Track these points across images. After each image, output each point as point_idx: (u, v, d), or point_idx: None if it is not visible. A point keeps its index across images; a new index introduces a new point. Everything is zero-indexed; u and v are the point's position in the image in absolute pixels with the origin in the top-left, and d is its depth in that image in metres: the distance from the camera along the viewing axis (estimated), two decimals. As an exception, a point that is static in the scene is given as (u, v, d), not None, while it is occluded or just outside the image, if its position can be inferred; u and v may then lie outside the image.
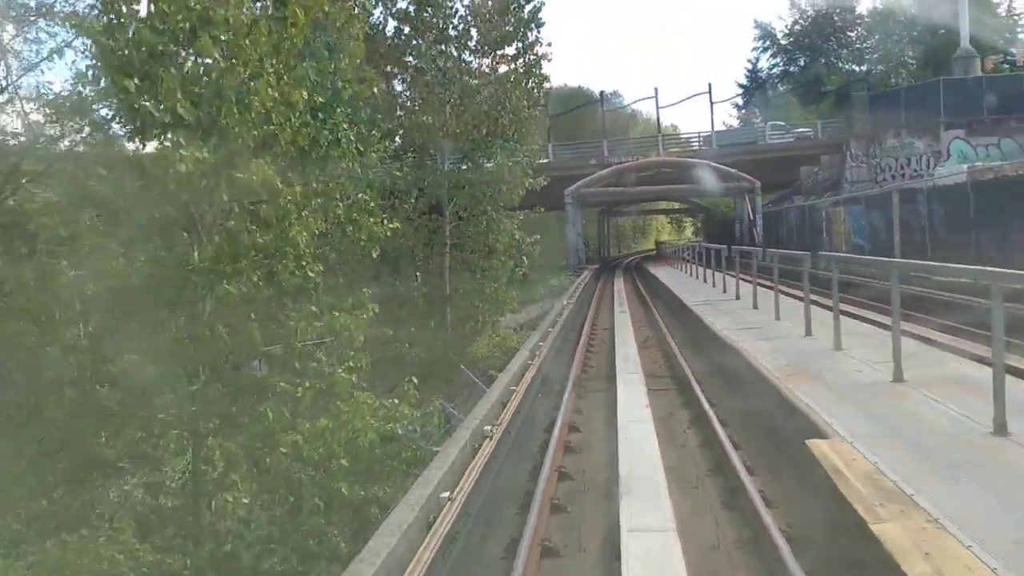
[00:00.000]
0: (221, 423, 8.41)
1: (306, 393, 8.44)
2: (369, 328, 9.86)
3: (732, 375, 10.36)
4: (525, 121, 19.56)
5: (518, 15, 19.06)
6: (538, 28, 18.87)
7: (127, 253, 8.25)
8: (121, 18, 7.60)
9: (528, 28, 18.99)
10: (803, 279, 12.03)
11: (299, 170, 8.71)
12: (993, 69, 61.18)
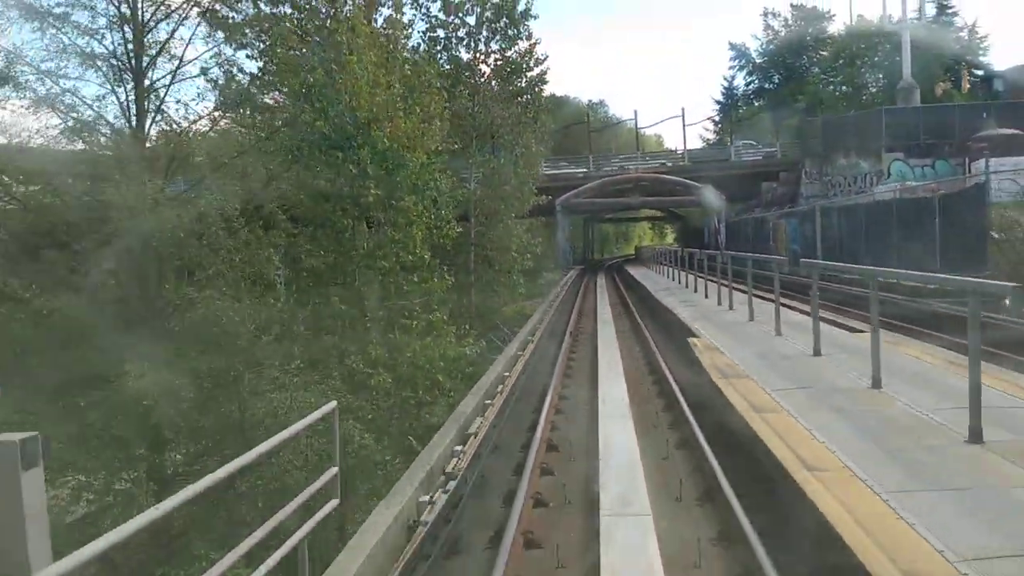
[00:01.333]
0: (368, 343, 14.69)
1: (418, 325, 14.73)
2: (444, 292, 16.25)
3: (663, 320, 17.01)
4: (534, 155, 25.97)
5: (529, 76, 25.57)
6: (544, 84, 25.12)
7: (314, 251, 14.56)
8: (326, 110, 13.85)
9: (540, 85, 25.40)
10: (718, 273, 18.51)
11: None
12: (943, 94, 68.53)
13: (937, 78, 71.62)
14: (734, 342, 12.25)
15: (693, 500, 6.74)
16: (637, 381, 12.18)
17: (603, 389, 10.76)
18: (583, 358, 14.81)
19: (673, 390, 10.67)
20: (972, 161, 46.38)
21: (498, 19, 26.42)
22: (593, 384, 11.56)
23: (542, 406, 10.01)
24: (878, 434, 6.58)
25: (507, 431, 9.41)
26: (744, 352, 11.25)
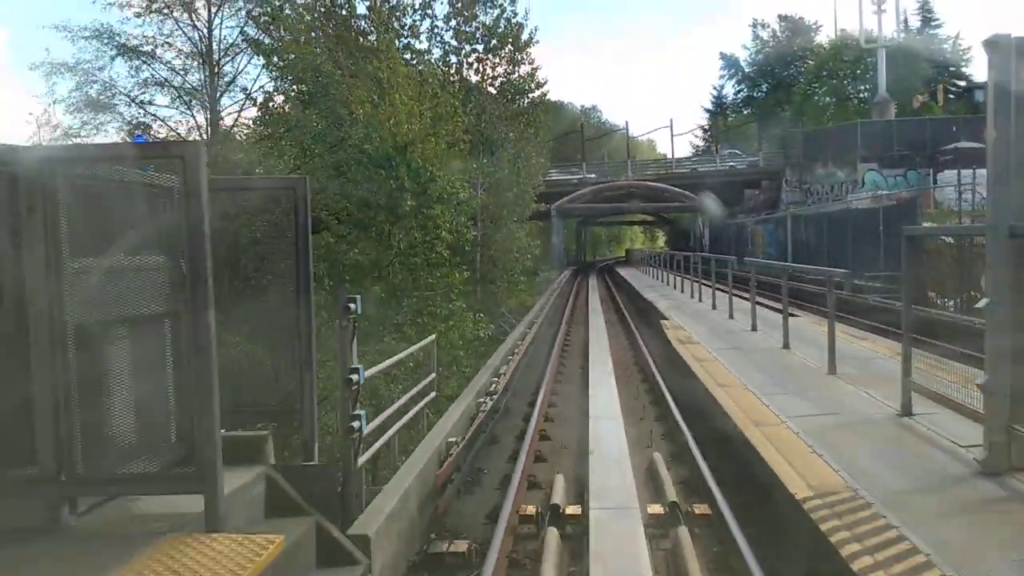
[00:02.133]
0: (403, 326, 18.06)
1: (441, 312, 18.10)
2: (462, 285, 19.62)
3: (644, 309, 20.46)
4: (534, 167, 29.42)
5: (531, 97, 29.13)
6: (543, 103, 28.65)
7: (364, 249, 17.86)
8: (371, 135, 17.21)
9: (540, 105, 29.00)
10: (691, 272, 21.92)
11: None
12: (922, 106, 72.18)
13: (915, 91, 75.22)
14: (695, 323, 15.67)
15: (649, 405, 10.28)
16: (618, 346, 15.80)
17: (592, 352, 14.25)
18: (577, 333, 18.41)
19: (643, 351, 14.17)
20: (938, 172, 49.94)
21: (503, 46, 29.86)
22: (585, 348, 15.08)
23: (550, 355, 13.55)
24: (773, 372, 9.99)
25: (534, 354, 13.00)
26: (700, 328, 14.68)
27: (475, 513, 6.92)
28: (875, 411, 7.52)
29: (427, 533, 6.27)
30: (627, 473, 7.04)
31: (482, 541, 6.01)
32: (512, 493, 6.75)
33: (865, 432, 6.83)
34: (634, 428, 9.36)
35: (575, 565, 5.66)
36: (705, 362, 10.86)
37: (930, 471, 5.71)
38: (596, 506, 6.18)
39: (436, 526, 6.50)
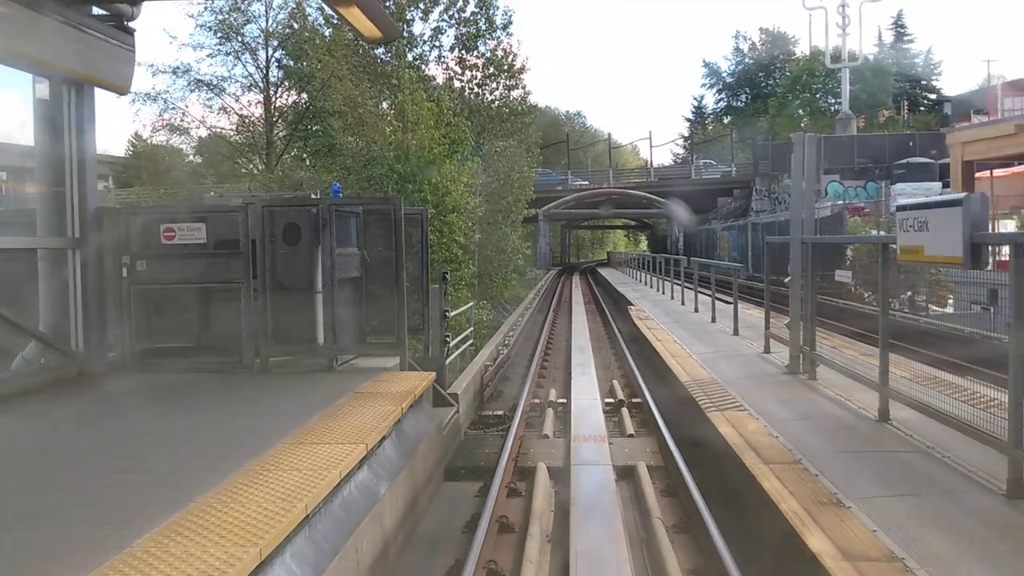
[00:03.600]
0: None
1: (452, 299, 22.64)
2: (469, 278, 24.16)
3: (616, 298, 25.19)
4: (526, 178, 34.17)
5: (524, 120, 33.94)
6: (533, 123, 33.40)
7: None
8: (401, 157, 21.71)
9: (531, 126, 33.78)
10: (654, 270, 26.63)
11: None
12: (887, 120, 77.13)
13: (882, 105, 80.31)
14: (653, 307, 20.33)
15: (611, 357, 14.98)
16: (594, 321, 20.60)
17: (575, 326, 18.96)
18: (563, 314, 23.10)
19: (612, 324, 18.92)
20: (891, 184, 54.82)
21: (500, 73, 34.50)
22: (569, 322, 19.77)
23: (543, 326, 18.22)
24: (697, 333, 14.62)
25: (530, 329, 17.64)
26: (657, 311, 19.32)
27: (508, 399, 11.59)
28: (748, 351, 12.18)
29: (478, 408, 10.90)
30: (595, 385, 11.69)
31: (509, 413, 10.59)
32: (527, 390, 11.39)
33: (735, 360, 11.45)
34: (601, 362, 14.06)
35: (562, 424, 10.21)
36: (654, 330, 15.48)
37: (759, 373, 10.33)
38: (575, 399, 10.80)
39: (482, 406, 11.15)
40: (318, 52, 23.79)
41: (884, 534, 4.61)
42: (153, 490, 4.59)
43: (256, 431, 5.81)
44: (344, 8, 7.06)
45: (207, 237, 8.41)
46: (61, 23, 7.35)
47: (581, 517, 6.40)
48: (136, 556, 3.58)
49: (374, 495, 5.52)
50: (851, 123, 66.14)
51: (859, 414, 7.64)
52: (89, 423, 6.62)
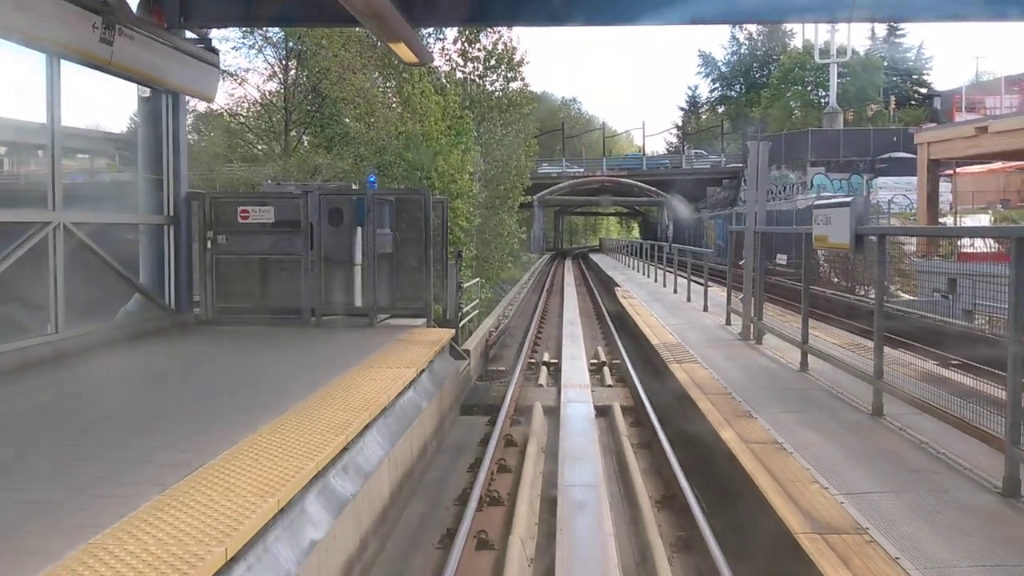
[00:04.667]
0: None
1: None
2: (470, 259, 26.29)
3: (605, 280, 27.32)
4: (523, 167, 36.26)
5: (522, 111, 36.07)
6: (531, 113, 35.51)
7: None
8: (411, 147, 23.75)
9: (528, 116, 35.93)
10: (641, 255, 28.79)
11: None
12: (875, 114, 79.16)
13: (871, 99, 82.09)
14: (639, 289, 22.50)
15: (597, 328, 17.15)
16: (583, 299, 22.79)
17: (566, 301, 21.13)
18: (556, 295, 25.27)
19: (599, 302, 21.11)
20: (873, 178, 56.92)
21: (500, 65, 36.50)
22: (561, 299, 21.93)
23: (538, 301, 20.39)
24: (672, 309, 16.79)
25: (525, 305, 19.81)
26: (640, 291, 21.50)
27: (508, 359, 13.74)
28: (711, 323, 14.36)
29: (484, 365, 13.06)
30: (582, 349, 13.85)
31: (510, 369, 12.74)
32: (524, 353, 13.55)
33: (699, 329, 13.62)
34: (589, 333, 16.24)
35: (554, 377, 12.36)
36: (636, 307, 17.63)
37: (717, 339, 12.50)
38: (565, 360, 12.96)
39: (487, 363, 13.31)
40: (334, 47, 25.73)
41: (774, 431, 6.76)
42: (264, 400, 6.71)
43: (333, 362, 7.94)
44: (394, 43, 9.15)
45: (274, 217, 10.51)
46: (165, 46, 9.41)
47: (568, 436, 8.55)
48: (262, 435, 5.70)
49: (418, 408, 7.66)
50: (838, 117, 68.14)
51: (786, 367, 9.81)
52: (190, 359, 8.76)
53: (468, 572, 5.45)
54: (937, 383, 7.34)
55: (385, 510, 6.04)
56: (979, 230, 20.86)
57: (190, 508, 3.88)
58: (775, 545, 4.83)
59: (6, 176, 21.83)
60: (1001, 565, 4.14)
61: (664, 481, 7.28)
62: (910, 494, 5.20)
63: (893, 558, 4.22)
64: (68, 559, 3.25)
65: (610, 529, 5.82)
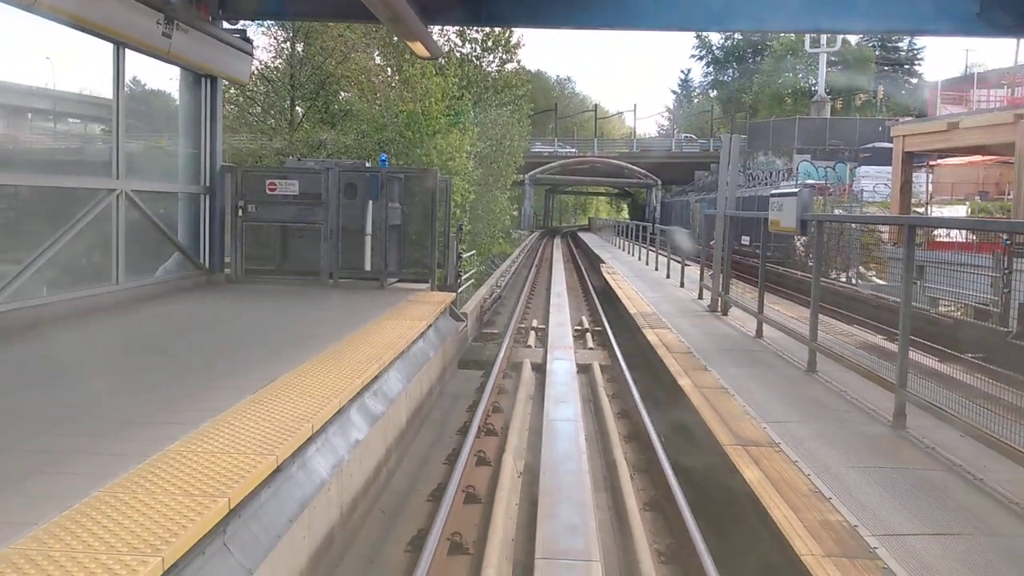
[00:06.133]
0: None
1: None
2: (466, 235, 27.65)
3: (592, 258, 28.75)
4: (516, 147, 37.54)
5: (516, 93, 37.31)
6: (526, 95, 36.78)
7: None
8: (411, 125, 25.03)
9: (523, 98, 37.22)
10: (627, 235, 30.22)
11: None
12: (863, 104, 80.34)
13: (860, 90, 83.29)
14: (623, 266, 23.95)
15: (582, 300, 18.62)
16: (571, 274, 24.21)
17: (554, 278, 22.55)
18: (544, 270, 26.69)
19: (586, 277, 22.60)
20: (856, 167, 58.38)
21: (496, 47, 37.70)
22: (550, 273, 23.37)
23: (528, 275, 21.84)
24: (651, 285, 18.24)
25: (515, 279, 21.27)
26: (624, 269, 22.95)
27: (500, 324, 15.16)
28: (686, 297, 15.82)
29: (479, 328, 14.48)
30: (567, 317, 15.29)
31: (502, 332, 14.16)
32: (515, 319, 14.98)
33: (674, 302, 15.06)
34: (574, 303, 17.70)
35: (541, 340, 13.77)
36: (619, 281, 19.06)
37: (688, 310, 13.95)
38: (553, 324, 14.39)
39: (482, 327, 14.73)
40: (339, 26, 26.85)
41: (724, 380, 8.21)
42: (308, 340, 8.09)
43: (356, 315, 9.33)
44: (411, 42, 10.46)
45: (298, 190, 11.84)
46: (210, 37, 10.70)
47: (552, 385, 9.97)
48: (316, 362, 7.09)
49: (427, 356, 9.07)
50: (826, 106, 69.46)
51: (744, 334, 11.27)
52: (222, 308, 10.14)
53: (471, 479, 6.86)
54: (868, 348, 8.85)
55: (403, 432, 7.46)
56: (889, 219, 22.64)
57: (279, 404, 5.29)
58: (710, 454, 6.29)
59: (75, 147, 22.78)
60: (873, 467, 5.59)
61: (632, 422, 8.73)
62: (819, 424, 6.67)
63: (792, 461, 5.67)
64: (205, 425, 4.67)
65: (584, 449, 7.27)
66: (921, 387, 6.35)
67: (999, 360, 9.44)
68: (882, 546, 4.29)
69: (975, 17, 12.39)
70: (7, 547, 2.93)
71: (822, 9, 13.30)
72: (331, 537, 5.03)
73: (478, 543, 5.58)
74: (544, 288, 21.76)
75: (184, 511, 3.39)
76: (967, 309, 14.36)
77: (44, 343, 7.44)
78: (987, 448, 5.37)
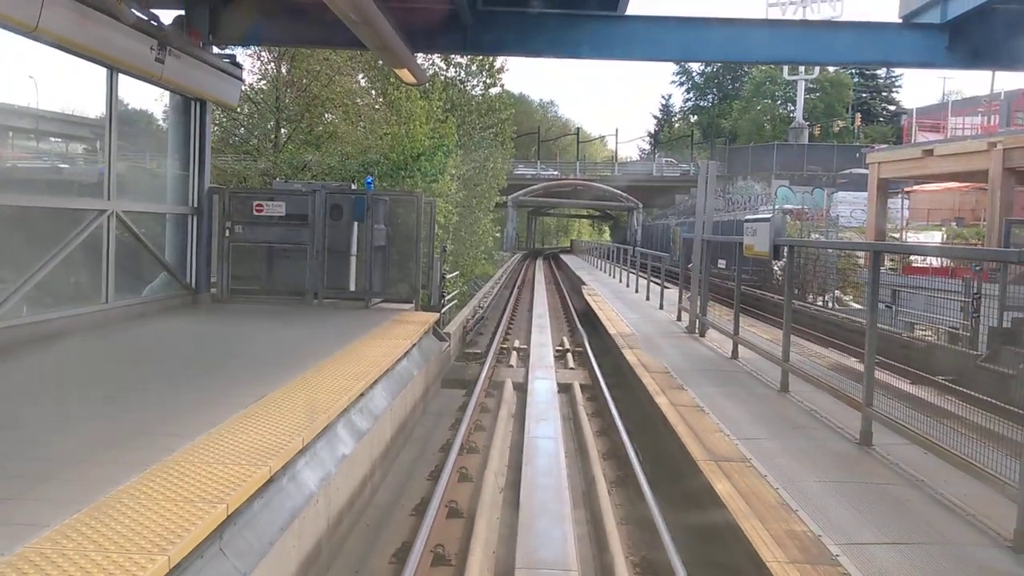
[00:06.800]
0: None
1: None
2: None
3: (574, 280, 29.03)
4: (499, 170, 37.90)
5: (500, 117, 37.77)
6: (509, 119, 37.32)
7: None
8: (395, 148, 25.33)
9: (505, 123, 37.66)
10: (608, 257, 30.59)
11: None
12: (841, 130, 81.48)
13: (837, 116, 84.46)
14: (604, 288, 24.25)
15: (564, 321, 18.89)
16: (552, 295, 24.48)
17: (536, 297, 22.87)
18: (527, 291, 26.94)
19: (567, 298, 22.86)
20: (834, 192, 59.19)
21: (480, 72, 38.13)
22: (532, 295, 23.63)
23: (510, 296, 22.07)
24: (631, 306, 18.53)
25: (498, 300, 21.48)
26: (605, 290, 23.25)
27: (483, 344, 15.39)
28: (664, 319, 16.13)
29: (462, 348, 14.70)
30: (549, 338, 15.55)
31: (484, 352, 14.39)
32: (497, 340, 15.22)
33: (653, 324, 15.35)
34: (556, 324, 17.94)
35: (524, 362, 14.01)
36: (600, 303, 19.34)
37: (667, 331, 14.24)
38: (534, 345, 14.64)
39: (464, 347, 14.96)
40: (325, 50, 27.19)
41: (699, 399, 8.47)
42: (297, 359, 8.30)
43: (342, 335, 9.53)
44: (398, 68, 10.75)
45: (284, 212, 12.07)
46: (201, 62, 10.94)
47: (533, 404, 10.21)
48: (305, 379, 7.30)
49: (411, 374, 9.28)
50: (804, 132, 70.55)
51: (720, 355, 11.56)
52: (211, 327, 10.32)
53: (453, 494, 7.07)
54: (839, 369, 9.16)
55: (387, 448, 7.66)
56: (860, 245, 23.16)
57: (269, 420, 5.50)
58: (684, 468, 6.54)
59: (68, 168, 22.81)
60: (839, 481, 5.86)
61: (610, 439, 8.96)
62: (789, 440, 6.94)
63: (762, 475, 5.92)
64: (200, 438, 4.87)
65: (564, 465, 7.50)
66: (887, 406, 6.65)
67: (968, 382, 9.78)
68: (844, 554, 4.54)
69: (944, 50, 12.89)
70: (24, 546, 3.13)
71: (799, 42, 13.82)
72: (319, 547, 5.22)
73: (460, 555, 5.78)
74: (526, 309, 22.05)
75: (186, 515, 3.60)
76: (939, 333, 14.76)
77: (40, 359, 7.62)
78: (947, 464, 5.65)
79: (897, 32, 13.49)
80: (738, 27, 13.34)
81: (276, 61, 27.26)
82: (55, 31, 7.48)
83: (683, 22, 12.91)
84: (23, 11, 7.02)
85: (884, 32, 13.60)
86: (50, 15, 7.26)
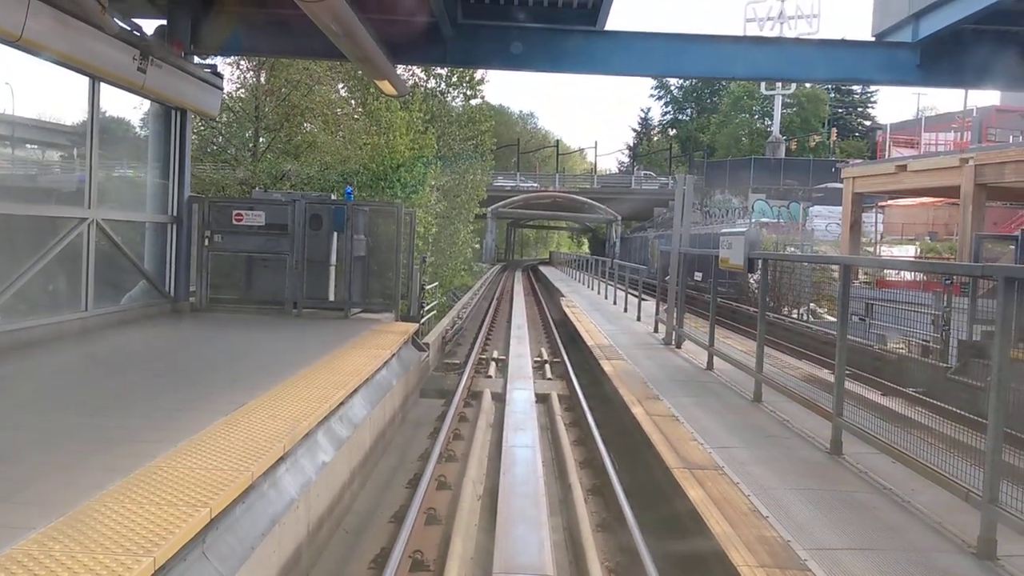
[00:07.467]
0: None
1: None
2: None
3: (551, 292, 29.17)
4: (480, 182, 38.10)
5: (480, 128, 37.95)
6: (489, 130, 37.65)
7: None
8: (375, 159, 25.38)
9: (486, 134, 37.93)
10: (585, 268, 30.79)
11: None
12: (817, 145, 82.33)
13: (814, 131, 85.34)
14: (582, 300, 24.41)
15: (542, 332, 19.01)
16: (531, 310, 24.51)
17: (515, 311, 22.93)
18: (505, 302, 27.03)
19: (546, 309, 22.98)
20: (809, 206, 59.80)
21: (461, 84, 38.33)
22: (510, 308, 23.70)
23: (489, 307, 22.13)
24: (608, 317, 18.68)
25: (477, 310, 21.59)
26: (583, 302, 23.41)
27: (462, 354, 15.46)
28: (642, 330, 16.29)
29: (441, 359, 14.77)
30: (527, 348, 15.65)
31: (463, 362, 14.47)
32: (476, 350, 15.30)
33: (630, 335, 15.50)
34: (534, 335, 18.07)
35: (502, 373, 14.10)
36: (578, 315, 19.47)
37: (643, 343, 14.39)
38: (513, 356, 14.74)
39: (443, 357, 15.02)
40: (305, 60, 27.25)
41: (674, 409, 8.61)
42: (277, 367, 8.35)
43: (322, 344, 9.60)
44: (379, 80, 10.86)
45: (264, 221, 12.11)
46: (182, 72, 10.99)
47: (511, 414, 10.30)
48: (286, 386, 7.36)
49: (390, 383, 9.36)
50: (780, 147, 71.23)
51: (696, 366, 11.73)
52: (191, 336, 10.34)
53: (432, 502, 7.14)
54: (811, 380, 9.33)
55: (366, 456, 7.73)
56: (832, 259, 23.45)
57: (251, 426, 5.57)
58: (658, 476, 6.66)
59: (49, 176, 22.58)
60: (809, 489, 6.00)
61: (587, 448, 9.08)
62: (761, 449, 7.08)
63: (734, 483, 6.05)
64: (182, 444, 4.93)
65: (541, 473, 7.60)
66: (858, 417, 6.81)
67: (938, 394, 9.99)
68: (812, 559, 4.67)
69: (916, 68, 13.19)
70: (11, 548, 3.19)
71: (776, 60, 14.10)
72: (299, 552, 5.29)
73: (439, 560, 5.86)
74: (505, 320, 22.15)
75: (170, 519, 3.67)
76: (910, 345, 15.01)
77: (20, 367, 7.63)
78: (915, 473, 5.80)
79: (870, 50, 13.81)
80: (717, 44, 13.61)
81: (255, 70, 27.31)
82: (39, 40, 7.53)
83: (663, 38, 13.17)
84: (7, 21, 7.06)
85: (857, 50, 13.91)
86: (34, 25, 7.31)
